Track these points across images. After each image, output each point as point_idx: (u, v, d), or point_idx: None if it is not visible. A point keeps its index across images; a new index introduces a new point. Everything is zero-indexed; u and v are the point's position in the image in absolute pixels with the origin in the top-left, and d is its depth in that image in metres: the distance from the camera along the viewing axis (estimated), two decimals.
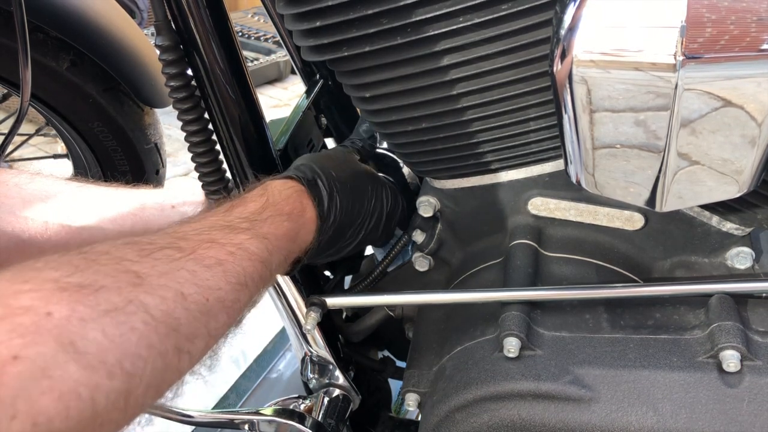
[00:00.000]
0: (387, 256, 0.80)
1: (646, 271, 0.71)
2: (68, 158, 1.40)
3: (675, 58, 0.45)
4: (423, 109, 0.65)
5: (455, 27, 0.57)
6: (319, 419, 0.84)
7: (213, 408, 1.28)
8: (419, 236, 0.78)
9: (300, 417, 0.84)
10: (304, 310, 0.76)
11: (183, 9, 0.66)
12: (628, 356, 0.60)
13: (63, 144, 1.38)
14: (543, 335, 0.63)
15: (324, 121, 1.01)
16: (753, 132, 0.49)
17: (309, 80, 1.02)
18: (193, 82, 0.71)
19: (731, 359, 0.56)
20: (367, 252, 0.94)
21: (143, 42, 1.25)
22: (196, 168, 0.76)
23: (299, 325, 0.84)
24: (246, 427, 0.86)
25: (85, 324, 0.37)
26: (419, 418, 0.71)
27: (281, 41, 1.01)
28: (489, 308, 0.67)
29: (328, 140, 1.04)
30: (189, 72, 0.70)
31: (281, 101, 3.17)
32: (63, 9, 1.13)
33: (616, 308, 0.65)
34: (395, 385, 0.98)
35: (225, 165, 0.77)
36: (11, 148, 1.49)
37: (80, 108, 1.21)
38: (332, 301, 0.74)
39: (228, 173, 0.77)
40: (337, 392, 0.88)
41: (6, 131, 1.15)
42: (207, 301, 0.46)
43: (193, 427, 1.13)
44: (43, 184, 0.77)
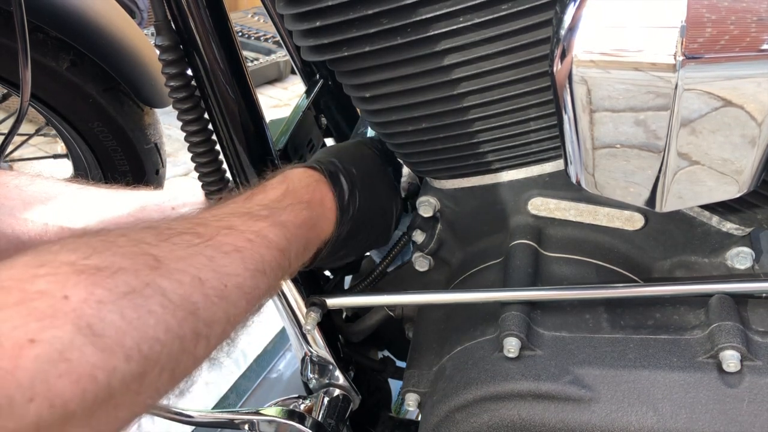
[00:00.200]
0: (387, 256, 0.80)
1: (646, 271, 0.71)
2: (68, 158, 1.40)
3: (675, 58, 0.45)
4: (423, 109, 0.65)
5: (455, 27, 0.57)
6: (319, 419, 0.84)
7: (213, 408, 1.28)
8: (419, 236, 0.78)
9: (300, 417, 0.84)
10: (304, 310, 0.76)
11: (183, 9, 0.66)
12: (628, 356, 0.60)
13: (63, 144, 1.38)
14: (543, 335, 0.63)
15: (324, 121, 1.01)
16: (753, 132, 0.49)
17: (309, 80, 1.02)
18: (193, 82, 0.71)
19: (731, 359, 0.56)
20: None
21: (143, 42, 1.25)
22: (196, 168, 0.76)
23: (299, 325, 0.84)
24: (246, 427, 0.86)
25: (103, 307, 0.37)
26: (419, 418, 0.71)
27: (281, 41, 1.01)
28: (489, 308, 0.67)
29: (328, 140, 1.04)
30: (189, 72, 0.70)
31: (281, 101, 3.17)
32: (63, 9, 1.13)
33: (616, 308, 0.65)
34: (395, 385, 0.98)
35: (225, 165, 0.77)
36: (11, 148, 1.49)
37: (80, 108, 1.21)
38: (332, 301, 0.74)
39: (228, 173, 0.77)
40: (337, 392, 0.88)
41: (6, 131, 1.15)
42: (225, 287, 0.46)
43: (193, 427, 1.13)
44: (44, 186, 0.77)
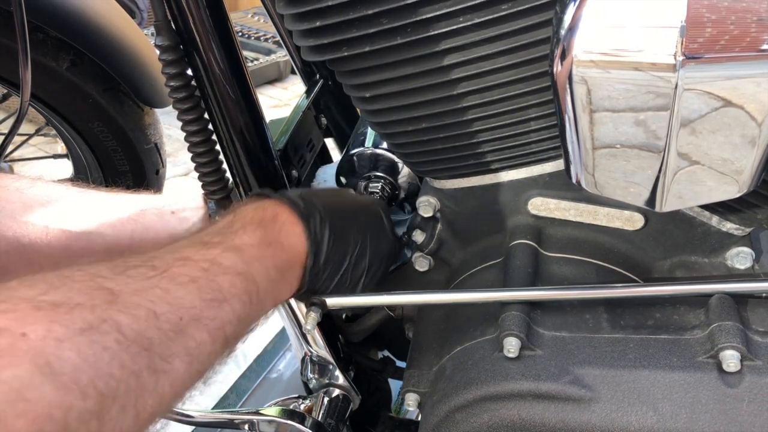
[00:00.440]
0: None
1: (646, 271, 0.71)
2: (68, 158, 1.41)
3: (675, 58, 0.45)
4: (423, 109, 0.65)
5: (455, 27, 0.57)
6: (319, 419, 0.84)
7: (213, 408, 1.28)
8: (419, 236, 0.78)
9: (300, 417, 0.84)
10: (304, 310, 0.76)
11: (183, 9, 0.66)
12: (628, 356, 0.60)
13: (63, 144, 1.38)
14: (543, 335, 0.63)
15: (324, 121, 1.01)
16: (753, 132, 0.48)
17: (309, 80, 1.02)
18: (193, 82, 0.71)
19: (731, 359, 0.56)
20: None
21: (143, 42, 1.25)
22: (196, 168, 0.76)
23: (299, 325, 0.84)
24: (246, 427, 0.86)
25: (61, 344, 0.36)
26: (419, 418, 0.71)
27: (281, 41, 1.01)
28: (489, 308, 0.67)
29: (328, 140, 1.04)
30: (189, 72, 0.70)
31: (281, 101, 3.17)
32: (63, 9, 1.13)
33: (616, 308, 0.65)
34: (395, 385, 0.98)
35: (225, 165, 0.77)
36: (11, 148, 1.49)
37: (80, 108, 1.21)
38: (332, 301, 0.74)
39: (228, 173, 0.77)
40: (337, 392, 0.88)
41: (6, 131, 1.15)
42: (180, 320, 0.45)
43: (193, 427, 1.13)
44: (44, 189, 0.77)
